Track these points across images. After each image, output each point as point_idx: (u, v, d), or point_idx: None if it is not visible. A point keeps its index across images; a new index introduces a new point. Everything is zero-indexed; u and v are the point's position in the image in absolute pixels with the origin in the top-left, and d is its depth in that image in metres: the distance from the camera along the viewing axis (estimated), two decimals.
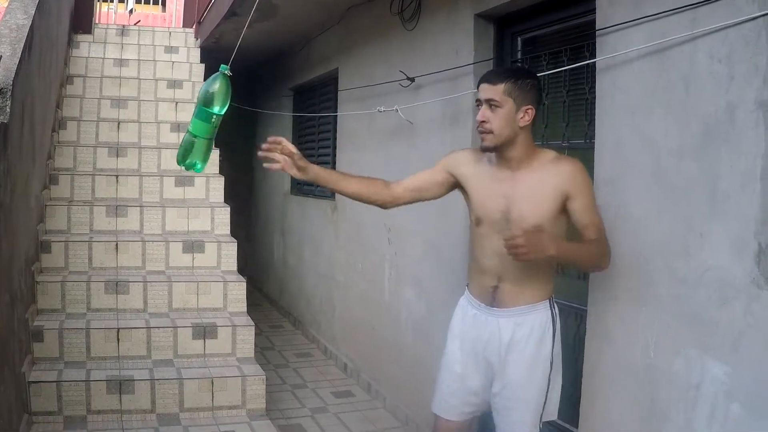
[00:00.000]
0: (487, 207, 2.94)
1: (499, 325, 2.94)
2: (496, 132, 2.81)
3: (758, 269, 2.25)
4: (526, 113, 2.82)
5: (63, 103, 6.81)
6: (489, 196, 2.94)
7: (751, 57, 2.28)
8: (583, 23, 3.39)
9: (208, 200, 6.19)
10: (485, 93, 2.82)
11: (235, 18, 6.70)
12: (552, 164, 2.85)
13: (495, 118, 2.80)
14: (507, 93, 2.78)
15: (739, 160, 2.32)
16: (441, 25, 4.47)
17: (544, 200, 2.81)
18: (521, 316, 2.91)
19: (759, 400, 2.24)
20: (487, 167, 2.99)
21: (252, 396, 4.61)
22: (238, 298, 5.27)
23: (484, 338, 2.99)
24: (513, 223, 2.83)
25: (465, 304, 3.14)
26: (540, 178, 2.84)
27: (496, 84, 2.79)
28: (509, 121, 2.80)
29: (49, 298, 4.93)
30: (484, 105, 2.82)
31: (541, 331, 2.91)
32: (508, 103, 2.79)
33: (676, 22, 2.59)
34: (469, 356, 3.06)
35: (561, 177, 2.79)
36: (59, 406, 4.28)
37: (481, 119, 2.82)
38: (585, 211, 2.78)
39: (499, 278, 2.93)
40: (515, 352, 2.91)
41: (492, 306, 2.97)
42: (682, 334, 2.56)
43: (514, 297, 2.92)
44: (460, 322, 3.14)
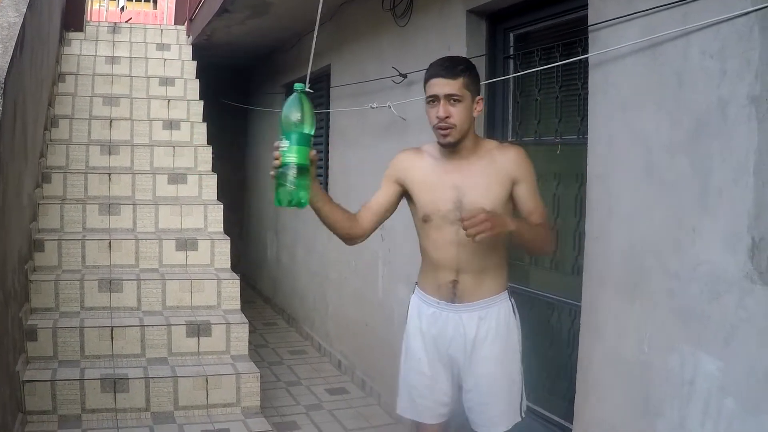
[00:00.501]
0: (438, 200, 2.92)
1: (462, 320, 2.94)
2: (459, 126, 2.82)
3: (751, 264, 2.25)
4: (479, 104, 2.88)
5: (55, 101, 6.79)
6: (439, 190, 2.92)
7: (744, 52, 2.28)
8: (576, 19, 3.39)
9: (201, 198, 6.18)
10: (444, 88, 2.80)
11: (227, 15, 6.68)
12: (497, 151, 2.90)
13: (457, 113, 2.80)
14: (465, 86, 2.80)
15: (731, 155, 2.33)
16: (433, 21, 4.47)
17: (495, 186, 2.85)
18: (484, 310, 2.92)
19: (752, 395, 2.24)
20: (431, 162, 3.00)
21: (246, 393, 4.61)
22: (232, 296, 5.27)
23: (448, 336, 2.97)
24: (466, 212, 2.78)
25: (418, 302, 3.11)
26: (488, 164, 2.88)
27: (455, 78, 2.79)
28: (469, 114, 2.84)
29: (42, 297, 4.92)
30: (443, 100, 2.80)
31: (505, 323, 2.94)
32: (467, 96, 2.81)
33: (668, 18, 2.59)
34: (433, 356, 3.02)
35: (508, 162, 2.85)
36: (53, 405, 4.28)
37: (445, 115, 2.80)
38: (530, 196, 2.85)
39: (458, 271, 2.93)
40: (483, 347, 2.92)
41: (452, 302, 2.95)
42: (675, 330, 2.56)
43: (474, 290, 2.92)
44: (416, 321, 3.09)
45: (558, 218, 3.67)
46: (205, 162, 6.54)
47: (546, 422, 3.69)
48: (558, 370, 3.65)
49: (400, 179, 3.05)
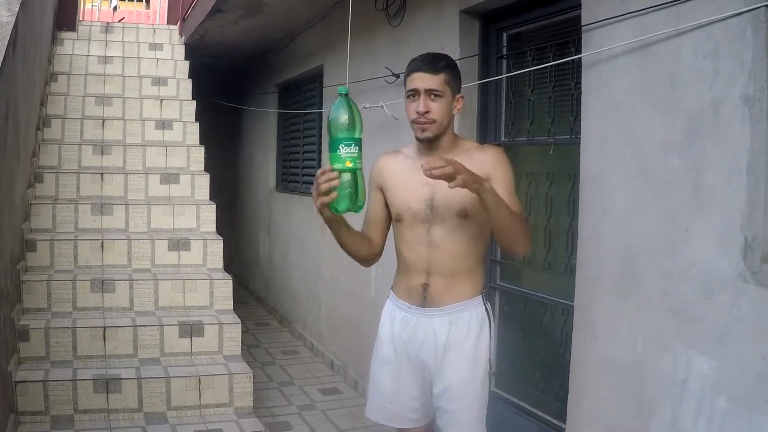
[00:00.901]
0: (409, 198, 2.87)
1: (433, 325, 2.87)
2: (439, 121, 2.78)
3: (744, 263, 2.26)
4: (459, 101, 2.85)
5: (47, 101, 6.77)
6: (410, 187, 2.88)
7: (737, 52, 2.29)
8: (569, 19, 3.40)
9: (194, 198, 6.18)
10: (425, 83, 2.77)
11: (220, 15, 6.69)
12: (475, 150, 2.86)
13: (437, 108, 2.77)
14: (446, 83, 2.78)
15: (724, 155, 2.33)
16: (426, 21, 4.47)
17: None
18: (455, 314, 2.86)
19: (745, 394, 2.25)
20: (406, 162, 2.96)
21: (239, 394, 4.60)
22: (225, 296, 5.26)
23: (418, 340, 2.90)
24: (437, 210, 2.82)
25: (392, 307, 3.05)
26: (464, 162, 2.64)
27: (437, 74, 2.77)
28: (449, 110, 2.81)
29: (34, 297, 4.90)
30: (423, 95, 2.77)
31: (478, 328, 2.86)
32: (447, 93, 2.79)
33: (662, 18, 2.60)
34: (402, 360, 2.96)
35: (484, 162, 2.78)
36: (46, 405, 4.26)
37: (425, 109, 2.76)
38: (506, 195, 2.70)
39: (428, 273, 2.87)
40: (453, 352, 2.85)
41: (423, 306, 2.89)
42: (668, 329, 2.57)
43: (446, 294, 2.86)
44: (389, 326, 3.03)
45: (551, 218, 3.67)
46: (198, 162, 6.53)
47: (539, 422, 3.69)
48: (551, 370, 3.65)
49: (379, 184, 3.03)
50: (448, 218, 2.81)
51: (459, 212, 2.78)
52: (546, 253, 3.71)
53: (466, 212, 2.77)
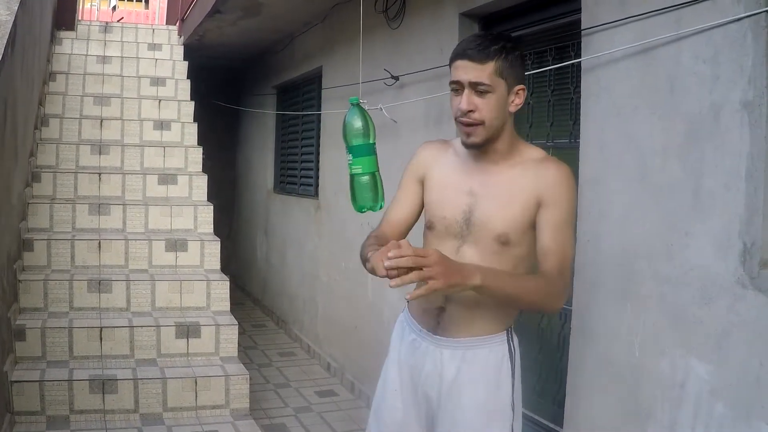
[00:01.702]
0: (446, 205, 2.41)
1: (442, 357, 2.41)
2: (488, 123, 2.25)
3: (743, 269, 2.26)
4: (518, 95, 2.31)
5: (45, 101, 6.77)
6: (450, 192, 2.41)
7: (737, 58, 2.29)
8: (568, 23, 3.39)
9: (191, 198, 6.17)
10: (469, 74, 2.24)
11: (219, 15, 6.68)
12: (536, 162, 2.33)
13: (485, 106, 2.24)
14: (498, 74, 2.22)
15: (723, 160, 2.33)
16: (425, 23, 4.47)
17: (515, 205, 2.29)
18: (471, 350, 2.39)
19: (743, 400, 2.24)
20: (453, 159, 2.48)
21: (235, 395, 4.60)
22: (222, 297, 5.26)
23: (424, 370, 2.46)
24: (473, 228, 2.34)
25: (404, 325, 2.60)
26: (517, 176, 2.32)
27: (485, 62, 2.22)
28: (502, 108, 2.27)
29: (31, 297, 4.90)
30: (468, 89, 2.25)
31: (496, 370, 2.40)
32: (500, 87, 2.24)
33: (662, 23, 2.60)
34: (407, 388, 2.53)
35: (539, 179, 2.28)
36: (42, 405, 4.25)
37: (468, 107, 2.25)
38: (553, 229, 2.24)
39: (447, 298, 2.37)
40: (464, 396, 2.38)
41: (435, 333, 2.43)
42: (666, 333, 2.57)
43: (463, 324, 2.38)
44: (398, 344, 2.60)
45: None
46: (196, 163, 6.52)
47: (536, 426, 3.68)
48: (548, 374, 3.65)
49: (422, 175, 2.55)
50: (484, 240, 2.32)
51: (498, 237, 2.30)
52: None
53: (507, 238, 2.29)
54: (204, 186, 6.25)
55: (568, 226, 2.28)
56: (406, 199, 2.58)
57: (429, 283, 1.91)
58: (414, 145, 3.12)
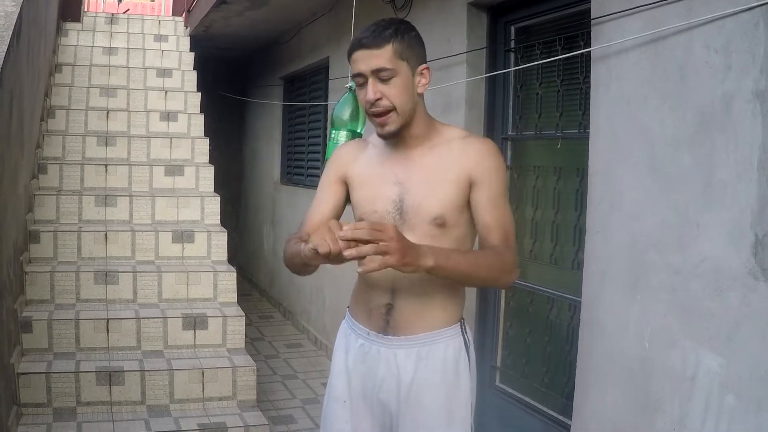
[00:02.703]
0: (375, 199, 2.32)
1: (396, 358, 2.30)
2: (399, 108, 2.20)
3: (755, 260, 2.23)
4: (423, 75, 2.26)
5: (51, 92, 6.75)
6: (377, 185, 2.33)
7: (748, 47, 2.26)
8: (577, 12, 3.37)
9: (198, 190, 6.16)
10: (369, 62, 2.18)
11: (225, 6, 6.66)
12: (458, 141, 2.30)
13: (392, 91, 2.18)
14: (398, 56, 2.18)
15: (735, 150, 2.31)
16: (433, 13, 4.45)
17: (446, 184, 2.24)
18: (426, 346, 2.29)
19: (754, 392, 2.23)
20: (372, 152, 2.41)
21: (242, 387, 4.59)
22: (228, 289, 5.24)
23: (378, 376, 2.34)
24: (407, 216, 2.25)
25: (348, 332, 2.48)
26: (443, 156, 2.28)
27: (382, 47, 2.16)
28: (409, 90, 2.22)
29: (37, 289, 4.89)
30: (372, 78, 2.18)
31: (454, 364, 2.31)
32: (402, 69, 2.19)
33: (672, 12, 2.57)
34: (358, 399, 2.40)
35: (467, 157, 2.24)
36: (48, 397, 4.25)
37: (375, 96, 2.18)
38: (490, 205, 2.21)
39: (393, 293, 2.29)
40: (423, 395, 2.29)
41: (386, 333, 2.31)
42: (676, 326, 2.55)
43: (414, 320, 2.27)
44: (343, 355, 2.46)
45: (558, 213, 3.65)
46: (203, 154, 6.51)
47: (544, 418, 3.67)
48: (556, 366, 3.63)
49: (342, 176, 2.45)
50: (420, 226, 2.23)
51: (434, 219, 2.22)
52: (553, 248, 3.69)
53: (443, 220, 2.22)
54: (211, 177, 6.23)
55: (503, 199, 2.25)
56: (327, 199, 2.47)
57: (383, 258, 1.88)
58: None
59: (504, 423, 3.95)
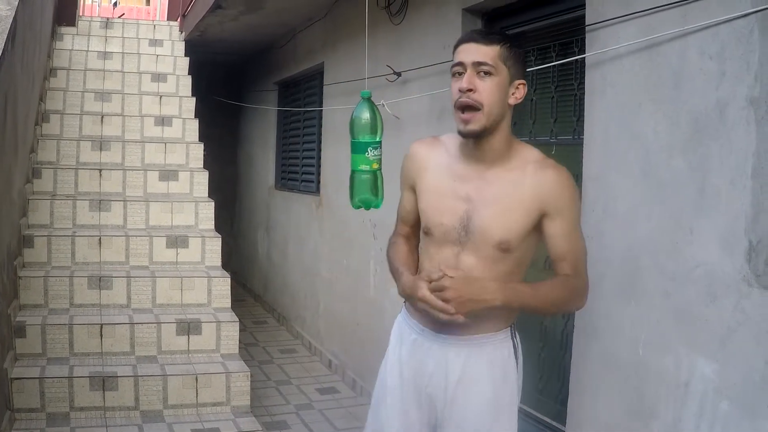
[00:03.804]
0: (442, 212, 2.37)
1: (446, 356, 2.39)
2: (487, 108, 2.22)
3: (748, 266, 2.24)
4: (519, 89, 2.29)
5: (46, 96, 6.75)
6: (446, 198, 2.38)
7: (743, 54, 2.27)
8: (572, 18, 3.37)
9: (192, 195, 6.15)
10: (473, 54, 2.22)
11: (220, 11, 6.66)
12: (534, 165, 2.31)
13: (487, 89, 2.21)
14: (502, 59, 2.22)
15: (729, 157, 2.31)
16: (428, 19, 4.45)
17: (517, 212, 2.28)
18: (476, 347, 2.38)
19: (748, 398, 2.23)
20: (445, 160, 2.44)
21: (236, 392, 4.58)
22: (223, 294, 5.24)
23: (428, 371, 2.43)
24: (473, 236, 2.31)
25: (403, 327, 2.56)
26: (515, 181, 2.30)
27: (490, 45, 2.22)
28: (502, 96, 2.24)
29: (31, 294, 4.88)
30: (470, 70, 2.22)
31: (502, 366, 2.40)
32: (502, 72, 2.22)
33: (667, 18, 2.58)
34: (409, 391, 2.49)
35: (542, 186, 2.27)
36: (42, 402, 4.24)
37: (469, 86, 2.21)
38: (565, 237, 2.29)
39: None
40: (469, 393, 2.38)
41: (439, 332, 2.39)
42: (670, 331, 2.55)
43: (467, 322, 2.25)
44: (397, 348, 2.56)
45: None
46: (197, 159, 6.50)
47: (538, 424, 3.67)
48: (551, 372, 3.63)
49: (411, 183, 2.55)
50: (484, 248, 2.30)
51: (499, 244, 2.28)
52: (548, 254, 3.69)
53: (508, 245, 2.28)
54: (205, 182, 6.23)
55: (576, 228, 2.32)
56: (406, 202, 2.60)
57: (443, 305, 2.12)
58: None
59: None
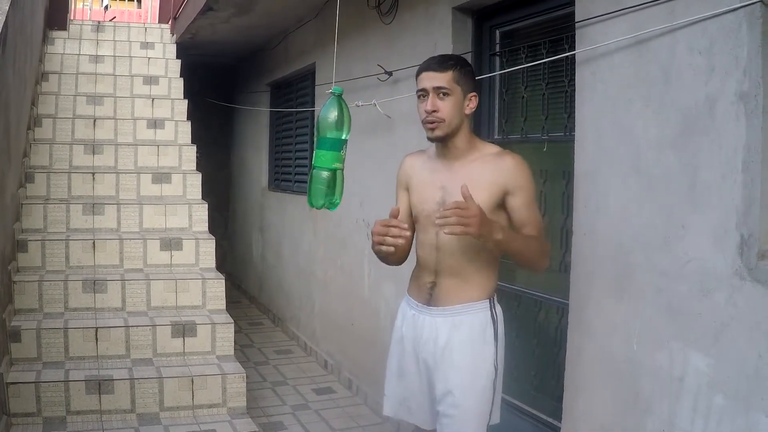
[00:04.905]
0: (425, 199, 2.91)
1: (436, 325, 2.85)
2: (448, 120, 2.77)
3: (740, 260, 2.25)
4: (471, 101, 2.83)
5: (38, 101, 6.73)
6: (426, 189, 2.91)
7: (731, 49, 2.28)
8: (562, 16, 3.38)
9: (186, 197, 6.15)
10: (432, 81, 2.77)
11: (211, 13, 6.65)
12: (492, 157, 2.81)
13: (445, 107, 2.76)
14: (455, 80, 2.76)
15: (719, 151, 2.32)
16: (419, 18, 4.46)
17: (481, 191, 2.69)
18: (458, 316, 2.82)
19: (742, 392, 2.24)
20: (426, 163, 2.98)
21: (232, 394, 4.58)
22: (217, 296, 5.24)
23: (423, 339, 2.88)
24: None
25: (405, 306, 3.05)
26: (478, 169, 2.80)
27: (444, 71, 2.76)
28: (458, 109, 2.78)
29: (26, 298, 4.87)
30: (432, 94, 2.77)
31: (481, 333, 2.81)
32: (456, 91, 2.77)
33: (656, 14, 2.59)
34: (410, 359, 2.95)
35: (500, 171, 2.76)
36: (38, 407, 4.23)
37: (432, 108, 2.76)
38: (525, 207, 2.75)
39: (437, 273, 2.87)
40: (454, 355, 2.80)
41: (429, 304, 2.89)
42: (664, 327, 2.56)
43: (451, 294, 2.84)
44: (401, 323, 3.03)
45: (545, 216, 3.65)
46: (190, 161, 6.50)
47: (534, 420, 3.68)
48: (545, 368, 3.64)
49: (405, 185, 3.07)
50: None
51: None
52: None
53: None
54: (198, 184, 6.22)
55: (534, 203, 2.80)
56: (403, 206, 3.05)
57: (465, 228, 2.45)
58: (408, 140, 3.14)
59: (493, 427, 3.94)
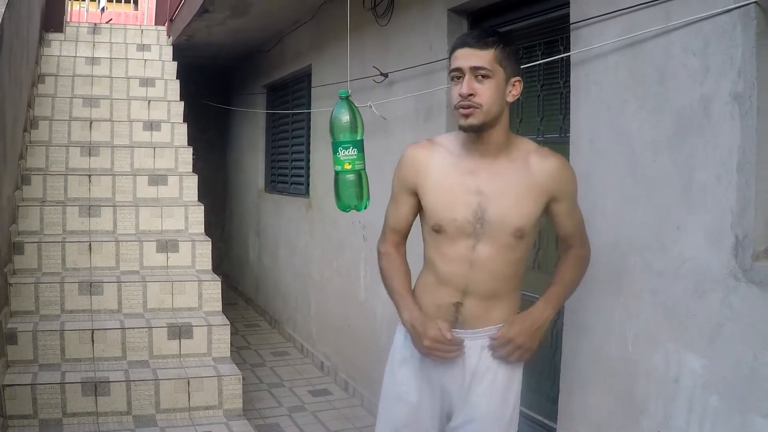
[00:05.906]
0: (455, 207, 2.44)
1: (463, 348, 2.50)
2: (486, 107, 2.34)
3: (735, 261, 2.25)
4: (515, 86, 2.42)
5: (35, 103, 6.73)
6: (456, 193, 2.45)
7: (726, 50, 2.28)
8: (557, 17, 3.38)
9: (182, 199, 6.15)
10: (469, 60, 2.34)
11: (207, 15, 6.66)
12: (535, 156, 2.45)
13: (484, 91, 2.33)
14: (497, 61, 2.34)
15: (714, 152, 2.33)
16: (414, 20, 4.46)
17: (528, 200, 2.42)
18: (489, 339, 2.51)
19: (737, 393, 2.24)
20: (449, 159, 2.52)
21: (229, 396, 4.58)
22: (214, 298, 5.24)
23: (444, 364, 2.52)
24: (489, 226, 2.41)
25: None
26: (522, 170, 2.43)
27: (485, 49, 2.33)
28: (499, 95, 2.37)
29: (22, 300, 4.87)
30: (468, 75, 2.34)
31: None
32: (498, 74, 2.35)
33: (651, 16, 2.59)
34: (423, 385, 2.59)
35: (548, 175, 2.43)
36: (34, 409, 4.23)
37: (469, 91, 2.33)
38: (570, 214, 2.52)
39: (464, 292, 2.47)
40: (483, 381, 2.51)
41: (454, 327, 2.48)
42: (659, 328, 2.56)
43: (481, 316, 2.48)
44: (403, 345, 2.64)
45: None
46: (186, 163, 6.50)
47: (529, 421, 3.68)
48: (542, 370, 3.64)
49: (413, 185, 2.59)
50: (500, 237, 2.42)
51: (515, 231, 2.41)
52: (536, 253, 3.70)
53: (522, 231, 2.42)
54: (194, 186, 6.22)
55: (577, 208, 2.57)
56: (402, 208, 2.64)
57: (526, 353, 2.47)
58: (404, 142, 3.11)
59: None
